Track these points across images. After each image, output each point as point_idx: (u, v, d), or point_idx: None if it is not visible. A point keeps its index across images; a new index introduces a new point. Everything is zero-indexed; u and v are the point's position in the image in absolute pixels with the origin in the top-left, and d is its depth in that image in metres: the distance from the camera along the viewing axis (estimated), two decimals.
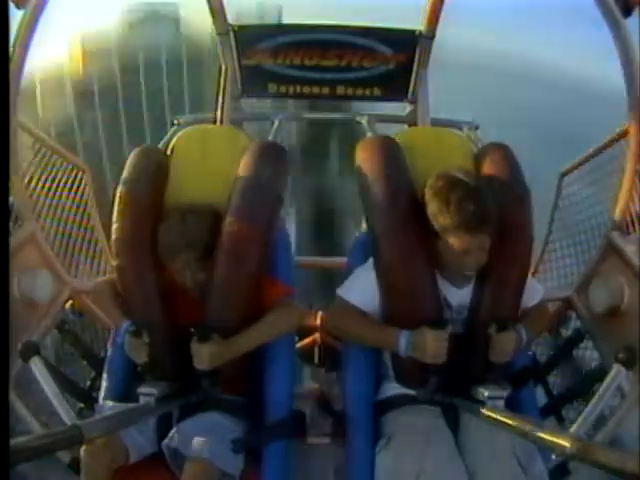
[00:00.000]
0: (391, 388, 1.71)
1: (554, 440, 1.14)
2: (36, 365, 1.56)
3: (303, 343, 2.39)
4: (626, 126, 1.91)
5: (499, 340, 1.55)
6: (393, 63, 2.95)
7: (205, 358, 1.56)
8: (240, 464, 1.58)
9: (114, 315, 1.70)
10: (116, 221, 1.71)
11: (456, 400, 1.58)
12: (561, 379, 2.12)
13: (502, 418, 1.40)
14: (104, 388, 1.79)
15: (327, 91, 3.04)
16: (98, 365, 2.07)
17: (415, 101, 3.06)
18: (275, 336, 1.68)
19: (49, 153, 2.23)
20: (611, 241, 1.96)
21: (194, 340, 1.56)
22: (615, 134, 2.10)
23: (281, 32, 2.95)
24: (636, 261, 1.80)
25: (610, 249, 1.96)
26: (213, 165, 1.85)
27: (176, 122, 3.05)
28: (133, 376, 1.72)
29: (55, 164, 2.30)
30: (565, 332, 2.16)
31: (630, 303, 1.82)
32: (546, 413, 1.99)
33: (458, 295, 1.66)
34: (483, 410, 1.47)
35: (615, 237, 1.95)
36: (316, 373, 1.92)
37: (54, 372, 1.71)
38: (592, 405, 1.55)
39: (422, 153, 1.84)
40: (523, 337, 1.61)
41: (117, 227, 1.71)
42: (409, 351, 1.55)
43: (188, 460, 1.53)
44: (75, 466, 1.60)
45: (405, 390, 1.67)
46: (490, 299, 1.64)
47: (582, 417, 1.54)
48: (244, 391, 1.74)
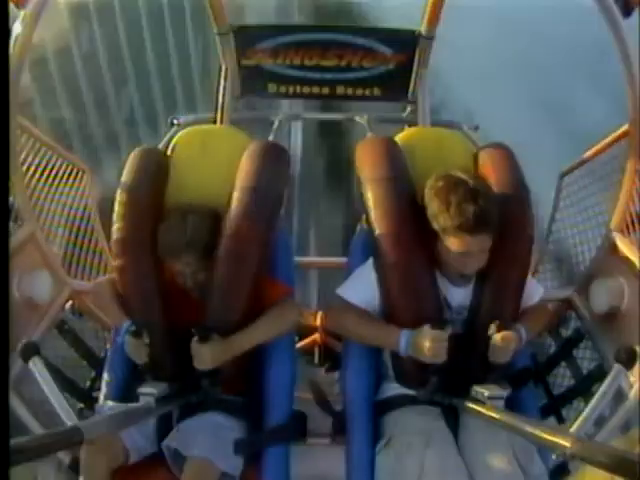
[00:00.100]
0: (391, 388, 1.71)
1: (554, 440, 1.14)
2: (36, 365, 1.56)
3: (303, 343, 2.39)
4: (626, 126, 1.91)
5: (499, 340, 1.56)
6: (393, 63, 2.94)
7: (205, 358, 1.56)
8: (240, 464, 1.59)
9: (114, 315, 1.70)
10: (116, 221, 1.72)
11: (456, 400, 1.58)
12: (561, 379, 2.12)
13: (502, 418, 1.40)
14: (104, 388, 1.79)
15: (327, 91, 3.03)
16: (98, 365, 2.07)
17: (415, 101, 3.06)
18: (275, 335, 1.68)
19: (49, 153, 2.23)
20: (611, 241, 1.96)
21: (194, 340, 1.56)
22: (615, 134, 2.10)
23: (281, 32, 2.94)
24: (636, 261, 1.80)
25: (610, 249, 1.96)
26: (213, 165, 1.85)
27: (176, 122, 3.05)
28: (133, 376, 1.72)
29: (55, 164, 2.29)
30: (565, 332, 2.16)
31: (630, 303, 1.82)
32: (546, 413, 1.99)
33: (458, 295, 1.66)
34: (483, 410, 1.47)
35: (615, 237, 1.95)
36: (310, 380, 1.92)
37: (54, 372, 1.71)
38: (592, 405, 1.54)
39: (422, 153, 1.84)
40: (523, 337, 1.61)
41: (117, 227, 1.71)
42: (409, 351, 1.55)
43: (188, 459, 1.53)
44: (75, 466, 1.60)
45: (405, 390, 1.67)
46: (490, 299, 1.64)
47: (582, 417, 1.54)
48: (244, 391, 1.74)
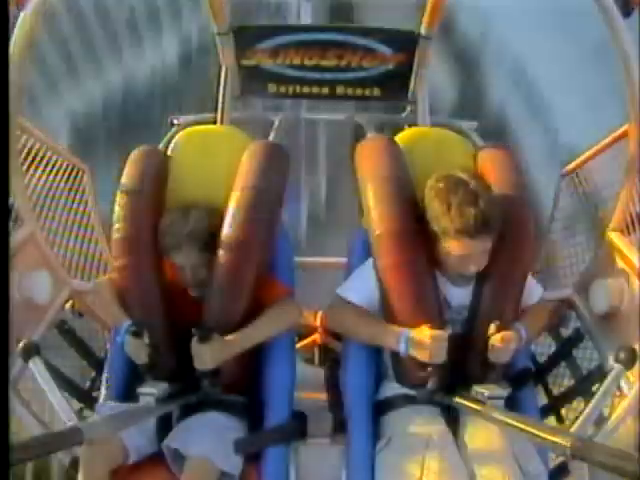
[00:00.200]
0: (391, 388, 1.71)
1: (554, 440, 1.14)
2: (36, 365, 1.56)
3: (303, 343, 2.39)
4: (626, 126, 1.91)
5: (499, 340, 1.55)
6: (393, 63, 2.94)
7: (205, 358, 1.56)
8: (240, 463, 1.59)
9: (114, 315, 1.70)
10: (117, 221, 1.72)
11: (456, 400, 1.58)
12: (561, 379, 2.12)
13: (502, 418, 1.40)
14: (104, 388, 1.80)
15: (327, 91, 3.04)
16: (98, 365, 2.07)
17: (415, 101, 3.06)
18: (275, 333, 1.68)
19: (49, 153, 2.23)
20: (611, 241, 1.96)
21: (194, 340, 1.56)
22: (615, 134, 2.10)
23: (281, 32, 2.94)
24: (636, 261, 1.80)
25: (610, 249, 1.96)
26: (213, 165, 1.85)
27: (176, 122, 3.05)
28: (133, 376, 1.72)
29: (55, 164, 2.30)
30: (565, 332, 2.16)
31: (630, 303, 1.82)
32: (546, 413, 1.99)
33: (458, 295, 1.66)
34: (483, 410, 1.47)
35: (615, 237, 1.95)
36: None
37: (54, 372, 1.71)
38: (592, 405, 1.55)
39: (422, 154, 1.84)
40: (523, 336, 1.61)
41: (118, 227, 1.71)
42: (409, 351, 1.55)
43: (188, 459, 1.53)
44: (75, 466, 1.60)
45: (405, 390, 1.67)
46: (490, 299, 1.64)
47: (582, 417, 1.54)
48: (244, 391, 1.74)
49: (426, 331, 1.52)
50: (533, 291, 1.75)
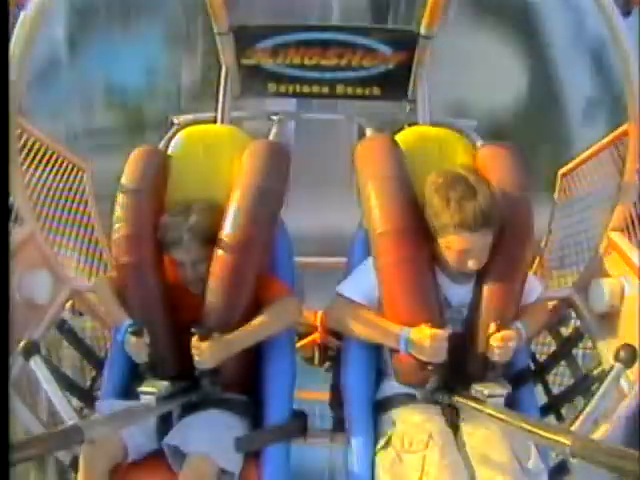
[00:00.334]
0: (391, 387, 1.71)
1: (554, 438, 1.14)
2: (36, 364, 1.56)
3: (303, 343, 2.39)
4: (626, 126, 1.91)
5: (499, 339, 1.55)
6: (393, 63, 2.94)
7: (206, 357, 1.56)
8: (240, 462, 1.59)
9: (114, 314, 1.70)
10: (117, 221, 1.72)
11: (456, 399, 1.58)
12: (561, 379, 2.12)
13: (502, 416, 1.40)
14: (105, 387, 1.80)
15: (327, 90, 3.04)
16: (98, 364, 2.07)
17: (415, 101, 3.06)
18: (275, 331, 1.68)
19: (49, 153, 2.23)
20: (611, 241, 1.96)
21: (195, 339, 1.56)
22: (615, 134, 2.10)
23: (281, 32, 2.94)
24: (636, 261, 1.80)
25: (610, 249, 1.96)
26: (213, 165, 1.86)
27: (176, 122, 3.05)
28: (134, 374, 1.72)
29: (55, 164, 2.30)
30: (565, 331, 2.16)
31: (630, 303, 1.83)
32: (546, 413, 1.99)
33: (458, 293, 1.66)
34: (483, 409, 1.47)
35: (615, 237, 1.95)
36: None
37: (54, 372, 1.71)
38: (592, 405, 1.55)
39: (422, 153, 1.84)
40: (523, 335, 1.61)
41: (118, 227, 1.72)
42: (409, 349, 1.55)
43: (187, 456, 1.53)
44: (75, 466, 1.60)
45: (405, 389, 1.67)
46: (490, 298, 1.64)
47: (582, 417, 1.54)
48: (244, 390, 1.75)
49: (426, 330, 1.53)
50: (533, 289, 1.75)
